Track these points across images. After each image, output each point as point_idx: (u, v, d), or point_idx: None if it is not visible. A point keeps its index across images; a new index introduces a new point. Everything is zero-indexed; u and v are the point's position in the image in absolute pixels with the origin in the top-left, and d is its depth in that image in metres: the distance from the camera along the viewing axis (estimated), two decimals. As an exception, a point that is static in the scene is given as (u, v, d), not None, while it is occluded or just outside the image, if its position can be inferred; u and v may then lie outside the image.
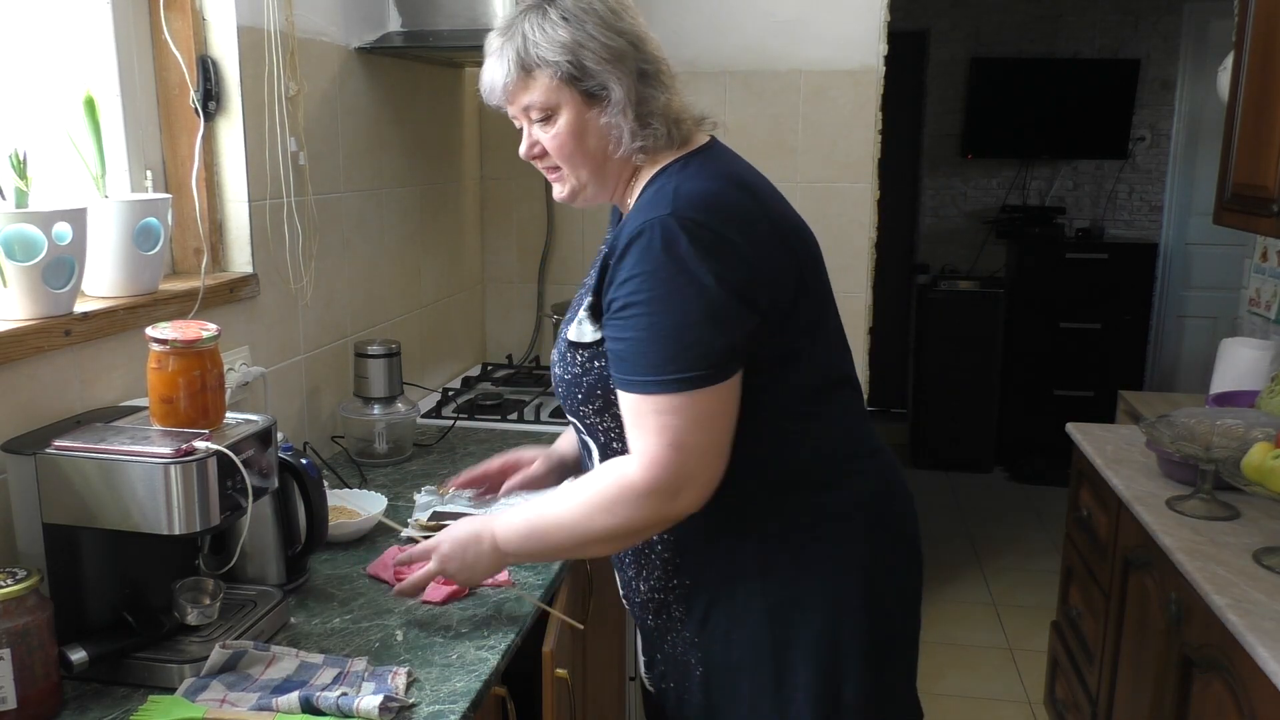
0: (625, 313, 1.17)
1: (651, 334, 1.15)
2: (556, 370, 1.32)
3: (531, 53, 1.22)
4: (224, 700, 1.15)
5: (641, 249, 1.16)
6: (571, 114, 1.25)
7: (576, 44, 1.21)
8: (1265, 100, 2.22)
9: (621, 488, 1.18)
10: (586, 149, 1.26)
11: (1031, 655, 3.10)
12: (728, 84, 2.81)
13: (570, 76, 1.22)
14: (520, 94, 1.26)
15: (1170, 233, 5.16)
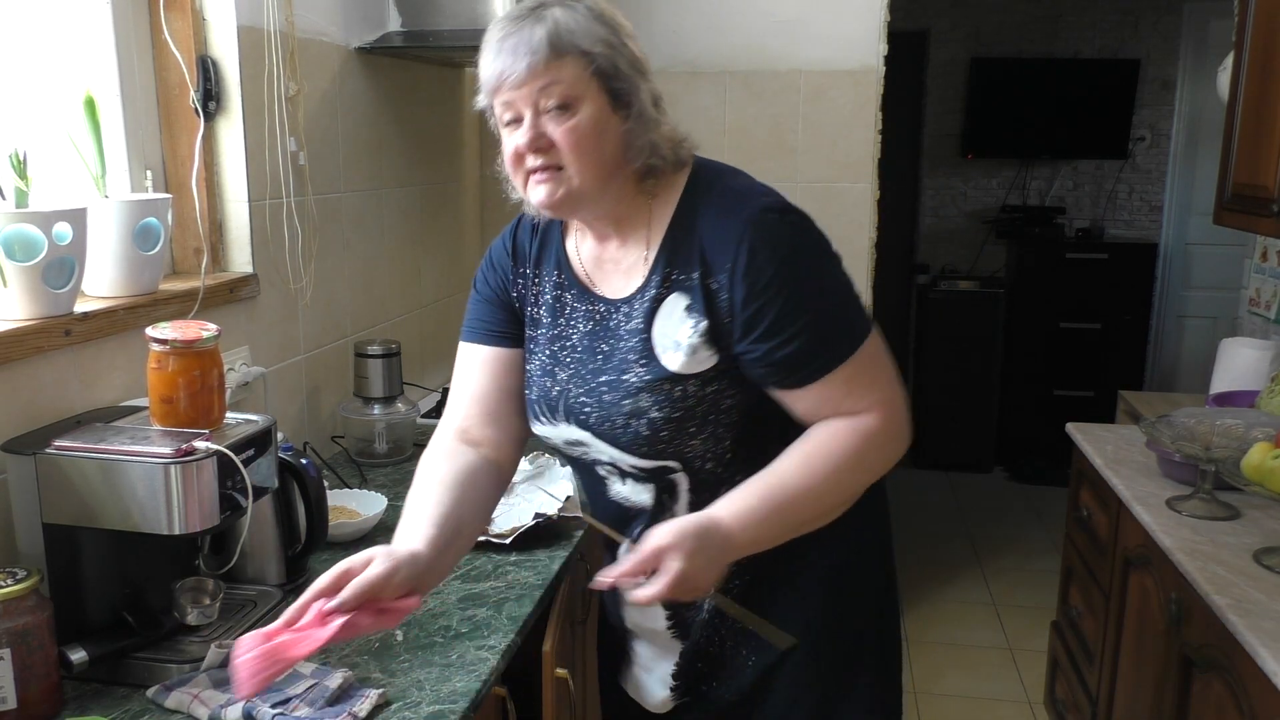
0: (787, 308, 1.15)
1: (824, 311, 1.17)
2: (655, 415, 1.19)
3: (565, 37, 1.14)
4: (195, 697, 1.15)
5: (766, 251, 1.15)
6: (594, 110, 1.16)
7: (611, 44, 1.18)
8: (1265, 100, 2.22)
9: (869, 439, 1.18)
10: (602, 150, 1.18)
11: (1031, 655, 3.10)
12: (728, 84, 2.81)
13: (602, 71, 1.17)
14: (542, 76, 1.14)
15: (1170, 233, 5.16)
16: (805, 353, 1.16)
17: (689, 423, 1.20)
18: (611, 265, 1.27)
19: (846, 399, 1.18)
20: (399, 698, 1.18)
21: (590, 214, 1.25)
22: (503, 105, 1.18)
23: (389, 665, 1.26)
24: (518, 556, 1.60)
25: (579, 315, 1.28)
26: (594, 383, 1.24)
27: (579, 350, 1.27)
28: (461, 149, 2.80)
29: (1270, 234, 2.25)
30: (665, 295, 1.20)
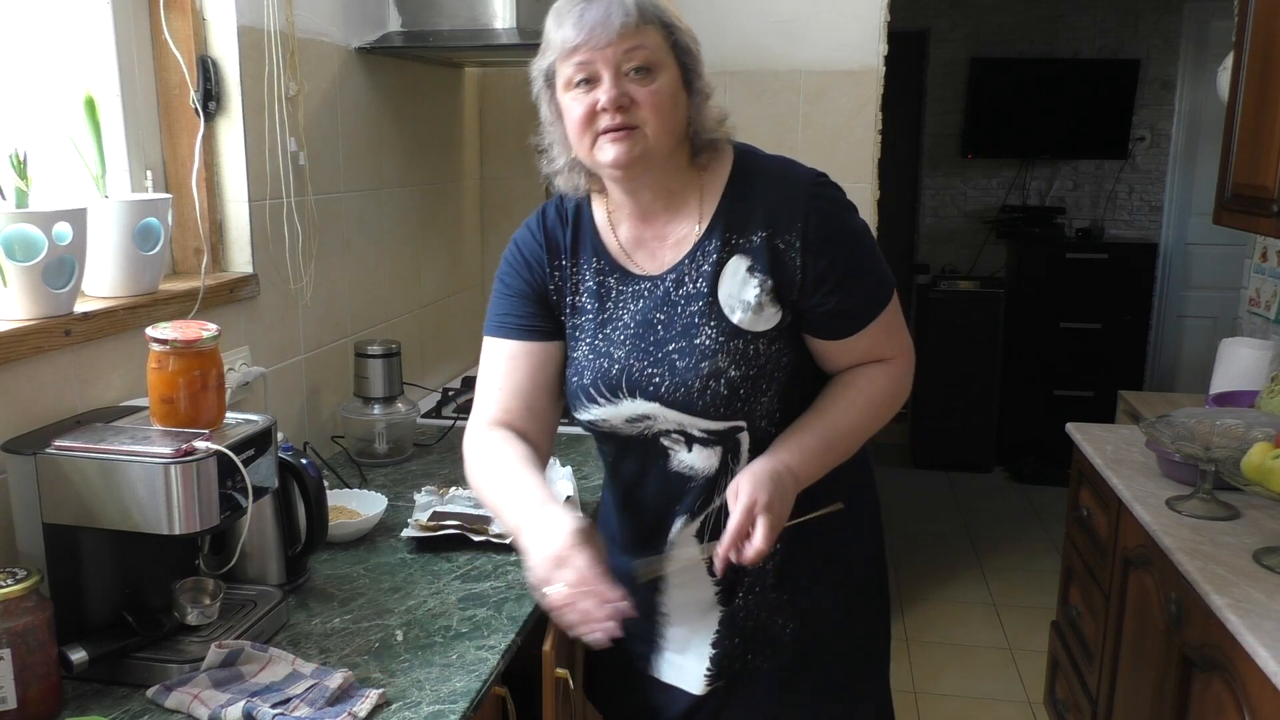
0: (852, 261, 1.28)
1: (873, 262, 1.31)
2: (733, 374, 1.26)
3: (650, 8, 1.23)
4: (195, 697, 1.15)
5: (823, 212, 1.26)
6: (670, 78, 1.24)
7: (683, 29, 1.28)
8: (1265, 100, 2.22)
9: (897, 380, 1.33)
10: (675, 117, 1.25)
11: (1031, 655, 3.10)
12: (728, 84, 2.81)
13: (678, 45, 1.26)
14: (631, 39, 1.20)
15: (1170, 233, 5.16)
16: (866, 300, 1.29)
17: (761, 380, 1.28)
18: (656, 242, 1.32)
19: (886, 343, 1.32)
20: (399, 698, 1.18)
21: (650, 181, 1.28)
22: (576, 66, 1.21)
23: (389, 665, 1.26)
24: (518, 556, 1.60)
25: (626, 296, 1.32)
26: (660, 354, 1.28)
27: (633, 327, 1.30)
28: (461, 149, 2.80)
29: (1270, 234, 2.25)
30: (727, 259, 1.27)
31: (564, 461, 1.95)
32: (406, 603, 1.44)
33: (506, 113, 2.93)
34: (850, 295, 1.28)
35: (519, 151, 2.95)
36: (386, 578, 1.53)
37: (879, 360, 1.32)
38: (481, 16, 2.20)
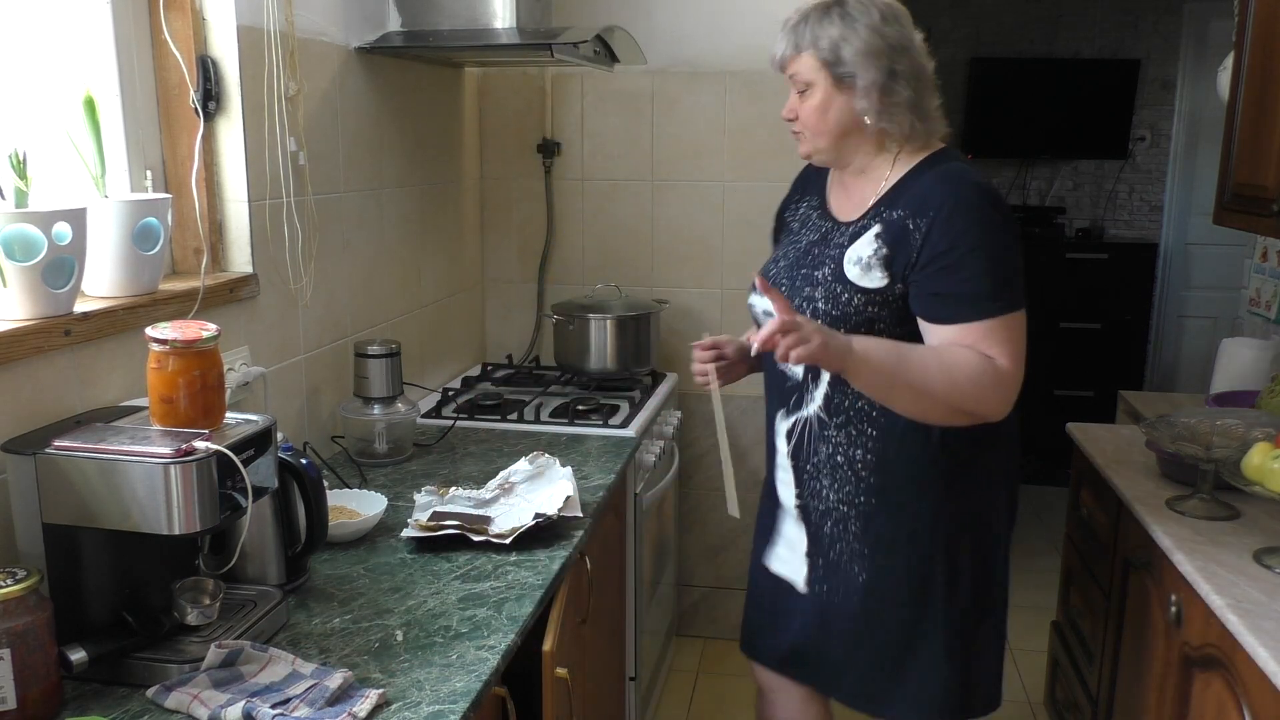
0: (963, 255, 1.48)
1: (987, 271, 1.48)
2: (818, 304, 1.57)
3: (806, 37, 1.55)
4: (195, 697, 1.15)
5: (965, 211, 1.49)
6: (822, 93, 1.56)
7: (841, 38, 1.53)
8: (1265, 100, 2.22)
9: (986, 369, 1.47)
10: (828, 122, 1.58)
11: (1031, 655, 3.10)
12: (728, 84, 2.81)
13: (827, 62, 1.55)
14: (789, 65, 1.59)
15: (1170, 233, 5.16)
16: (970, 296, 1.48)
17: (842, 324, 1.54)
18: (847, 202, 1.65)
19: (985, 345, 1.48)
20: (399, 698, 1.18)
21: (837, 161, 1.64)
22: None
23: (389, 665, 1.26)
24: (518, 556, 1.60)
25: (812, 227, 1.69)
26: (795, 272, 1.64)
27: (799, 249, 1.68)
28: (461, 149, 2.80)
29: (1270, 234, 2.25)
30: (870, 225, 1.57)
31: (564, 461, 1.95)
32: (406, 603, 1.44)
33: (506, 113, 2.93)
34: (954, 283, 1.48)
35: (519, 151, 2.95)
36: (386, 578, 1.53)
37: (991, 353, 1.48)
38: (481, 16, 2.20)
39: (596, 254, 2.97)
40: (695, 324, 2.96)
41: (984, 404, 1.49)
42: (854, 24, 1.53)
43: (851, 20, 1.53)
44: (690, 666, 3.03)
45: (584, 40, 2.22)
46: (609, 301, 2.68)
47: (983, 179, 1.55)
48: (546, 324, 2.95)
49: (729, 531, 3.08)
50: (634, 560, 2.29)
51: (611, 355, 2.62)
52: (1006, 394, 1.49)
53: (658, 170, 2.89)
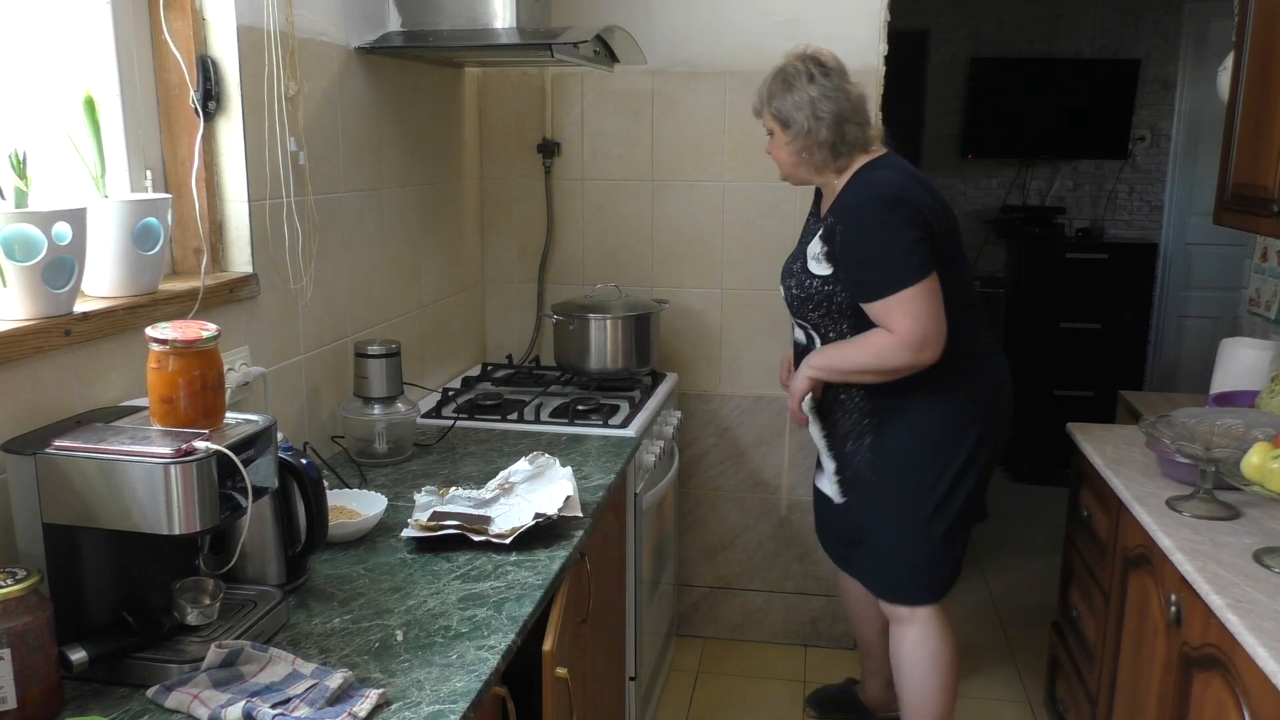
0: (854, 253, 2.07)
1: (884, 260, 2.03)
2: (792, 289, 2.22)
3: (763, 94, 2.17)
4: (195, 697, 1.15)
5: (863, 216, 2.07)
6: (778, 138, 2.17)
7: (781, 95, 2.12)
8: (1265, 100, 2.22)
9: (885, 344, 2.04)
10: (785, 157, 2.19)
11: (1031, 655, 3.10)
12: (728, 84, 2.81)
13: (775, 116, 2.15)
14: (760, 118, 2.21)
15: (1170, 233, 5.16)
16: (873, 283, 2.05)
17: (809, 302, 2.19)
18: (824, 203, 2.23)
19: (888, 320, 2.04)
20: (399, 698, 1.18)
21: (803, 184, 2.26)
22: None
23: (389, 665, 1.26)
24: (518, 556, 1.60)
25: (806, 228, 2.31)
26: (791, 262, 2.26)
27: (798, 244, 2.29)
28: (461, 149, 2.80)
29: (1270, 234, 2.25)
30: (821, 226, 2.15)
31: (564, 461, 1.95)
32: (406, 603, 1.44)
33: (506, 113, 2.93)
34: (861, 273, 2.07)
35: (519, 151, 2.95)
36: (386, 578, 1.53)
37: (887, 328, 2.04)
38: (481, 16, 2.20)
39: (596, 254, 2.97)
40: (695, 324, 2.96)
41: (899, 360, 2.04)
42: (792, 88, 2.10)
43: (790, 85, 2.11)
44: (690, 666, 3.03)
45: (584, 40, 2.22)
46: (609, 301, 2.68)
47: (885, 182, 2.07)
48: (546, 324, 2.95)
49: (729, 531, 3.08)
50: (634, 560, 2.29)
51: (611, 355, 2.62)
52: (913, 350, 2.02)
53: (658, 170, 2.89)
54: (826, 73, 2.10)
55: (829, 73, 2.11)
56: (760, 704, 2.85)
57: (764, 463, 3.02)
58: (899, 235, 2.01)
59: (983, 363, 2.23)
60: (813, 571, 3.08)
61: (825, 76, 2.09)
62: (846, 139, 2.10)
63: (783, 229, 2.85)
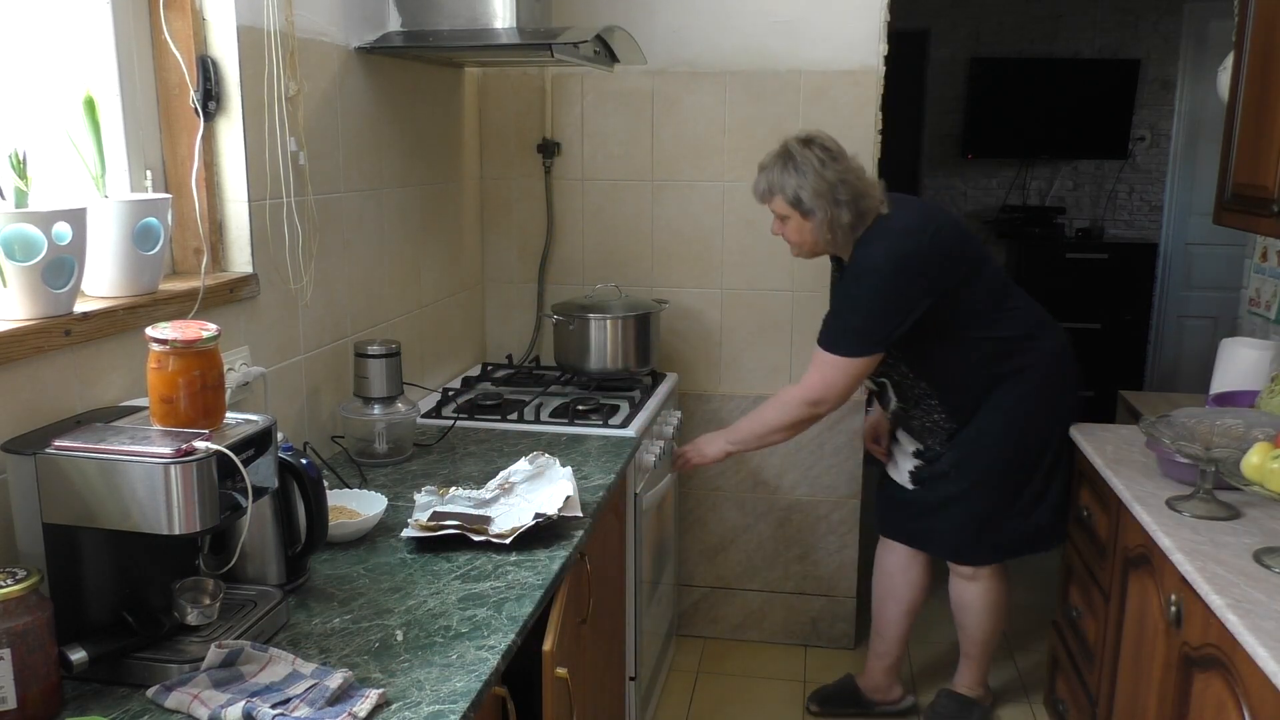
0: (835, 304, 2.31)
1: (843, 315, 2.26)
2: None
3: (775, 183, 2.23)
4: (195, 697, 1.15)
5: (852, 283, 2.25)
6: (795, 223, 2.26)
7: (799, 186, 2.19)
8: (1265, 100, 2.22)
9: (791, 398, 2.31)
10: (803, 239, 2.29)
11: (1031, 655, 3.10)
12: (728, 84, 2.81)
13: (792, 202, 2.22)
14: (768, 202, 2.29)
15: (1170, 233, 5.16)
16: (824, 324, 2.29)
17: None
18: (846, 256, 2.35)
19: (810, 366, 2.31)
20: (399, 698, 1.18)
21: (817, 256, 2.40)
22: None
23: (389, 665, 1.26)
24: (518, 556, 1.60)
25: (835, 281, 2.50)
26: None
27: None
28: (461, 149, 2.80)
29: (1270, 234, 2.25)
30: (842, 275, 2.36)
31: (564, 461, 1.95)
32: (406, 603, 1.44)
33: (506, 113, 2.93)
34: (828, 316, 2.30)
35: (519, 151, 2.95)
36: (386, 578, 1.53)
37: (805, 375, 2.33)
38: (481, 16, 2.20)
39: (596, 254, 2.97)
40: (695, 324, 2.96)
41: (799, 413, 2.31)
42: (804, 174, 2.18)
43: (802, 171, 2.18)
44: (690, 666, 3.03)
45: (584, 40, 2.22)
46: (609, 301, 2.68)
47: (879, 254, 2.21)
48: (546, 324, 2.95)
49: (729, 531, 3.08)
50: (634, 560, 2.29)
51: (611, 355, 2.62)
52: (810, 404, 2.28)
53: (658, 170, 2.89)
54: (835, 156, 2.20)
55: (836, 156, 2.20)
56: (760, 704, 2.85)
57: (764, 463, 3.02)
58: (872, 306, 2.21)
59: (1038, 342, 2.38)
60: (813, 572, 3.08)
61: (835, 160, 2.19)
62: (864, 214, 2.21)
63: (783, 229, 2.86)
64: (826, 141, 2.23)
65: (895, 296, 2.19)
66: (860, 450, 2.98)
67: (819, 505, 3.02)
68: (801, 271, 2.87)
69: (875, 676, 2.77)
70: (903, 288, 2.19)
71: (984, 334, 2.32)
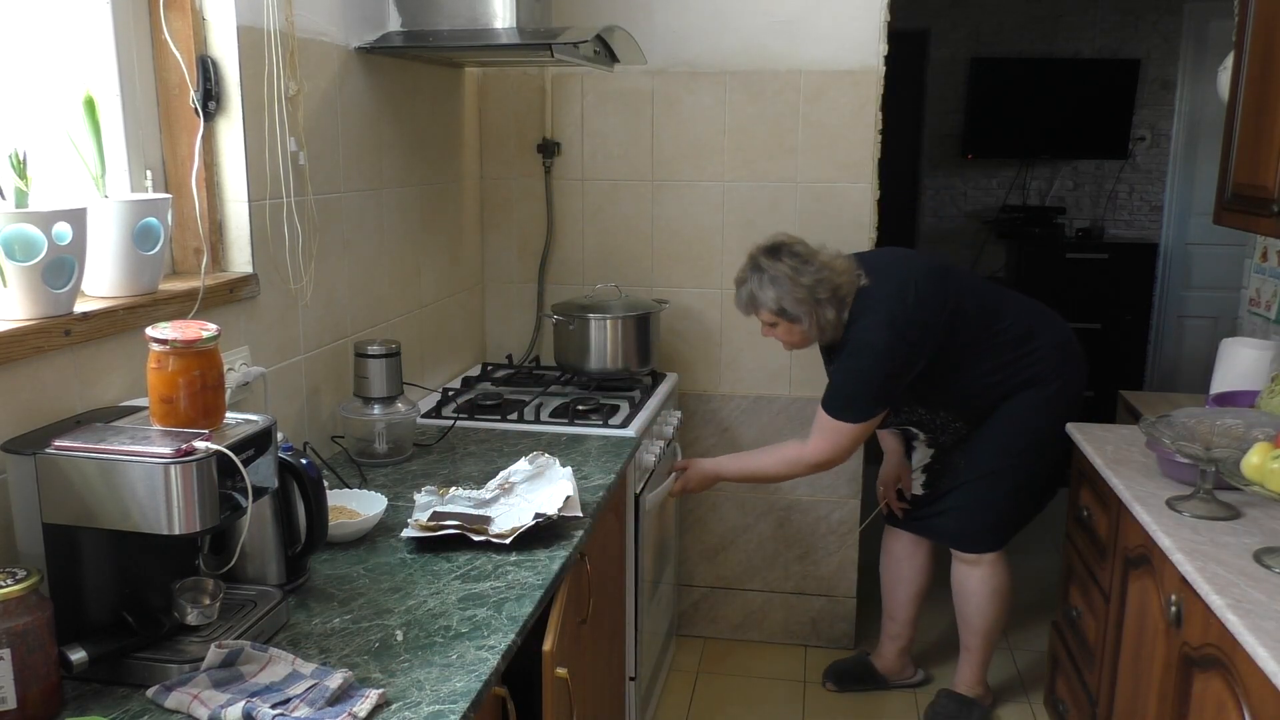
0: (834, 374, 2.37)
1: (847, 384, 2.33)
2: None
3: (756, 298, 2.30)
4: (195, 697, 1.15)
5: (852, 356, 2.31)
6: (784, 327, 2.33)
7: (779, 297, 2.26)
8: (1265, 100, 2.22)
9: (794, 455, 2.41)
10: (794, 339, 2.36)
11: (1031, 655, 3.10)
12: (728, 84, 2.81)
13: (777, 312, 2.29)
14: (753, 314, 2.36)
15: (1170, 233, 5.16)
16: (827, 394, 2.36)
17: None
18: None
19: (813, 429, 2.39)
20: (399, 698, 1.18)
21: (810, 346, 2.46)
22: None
23: (389, 665, 1.26)
24: (518, 556, 1.60)
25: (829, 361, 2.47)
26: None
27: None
28: (461, 149, 2.80)
29: (1270, 234, 2.25)
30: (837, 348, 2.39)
31: (564, 461, 1.95)
32: (406, 603, 1.44)
33: (506, 113, 2.93)
34: (829, 386, 2.37)
35: (519, 151, 2.95)
36: (386, 578, 1.53)
37: (811, 436, 2.39)
38: (481, 16, 2.20)
39: (596, 254, 2.97)
40: (695, 324, 2.96)
41: (800, 473, 2.45)
42: (781, 285, 2.25)
43: (778, 283, 2.25)
44: (690, 666, 3.03)
45: (584, 40, 2.22)
46: (609, 301, 2.68)
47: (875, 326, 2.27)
48: (546, 324, 2.95)
49: (729, 531, 3.08)
50: (634, 560, 2.29)
51: (611, 355, 2.62)
52: (814, 467, 2.39)
53: (658, 170, 2.89)
54: (806, 259, 2.26)
55: (807, 258, 2.26)
56: (760, 704, 2.86)
57: (764, 463, 3.02)
58: (873, 376, 2.28)
59: (1040, 339, 2.43)
60: (813, 571, 3.08)
61: (807, 263, 2.25)
62: (845, 300, 2.28)
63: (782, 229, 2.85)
64: (795, 246, 2.29)
65: (894, 361, 2.28)
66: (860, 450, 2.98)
67: (819, 505, 3.02)
68: (801, 271, 2.87)
69: (890, 659, 2.90)
70: (901, 352, 2.28)
71: (986, 355, 2.40)
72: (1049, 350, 2.43)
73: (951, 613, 2.76)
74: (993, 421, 2.46)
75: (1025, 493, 2.53)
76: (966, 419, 2.49)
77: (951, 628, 2.84)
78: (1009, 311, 2.44)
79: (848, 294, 2.28)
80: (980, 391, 2.44)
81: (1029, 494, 2.54)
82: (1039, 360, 2.42)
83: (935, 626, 3.17)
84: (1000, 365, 2.40)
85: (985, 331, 2.39)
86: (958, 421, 2.50)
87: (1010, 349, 2.40)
